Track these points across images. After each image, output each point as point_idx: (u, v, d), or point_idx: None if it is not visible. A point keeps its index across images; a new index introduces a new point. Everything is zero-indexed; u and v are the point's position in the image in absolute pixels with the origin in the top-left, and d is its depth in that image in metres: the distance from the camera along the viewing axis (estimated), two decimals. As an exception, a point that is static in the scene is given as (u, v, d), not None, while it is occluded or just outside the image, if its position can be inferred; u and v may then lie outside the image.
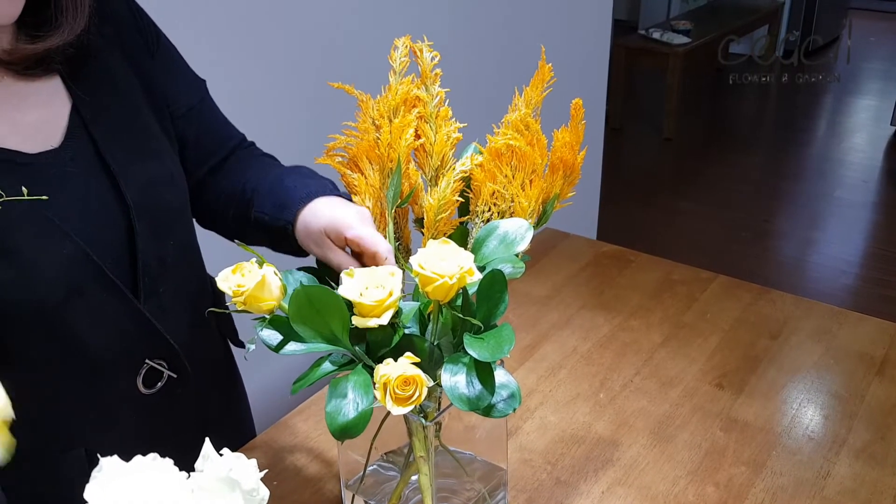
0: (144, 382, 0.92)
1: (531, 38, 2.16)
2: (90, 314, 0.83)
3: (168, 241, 0.91)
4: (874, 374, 1.27)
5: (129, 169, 0.86)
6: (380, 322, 0.71)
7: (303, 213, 0.88)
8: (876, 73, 5.88)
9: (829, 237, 3.65)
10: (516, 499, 1.05)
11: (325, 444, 1.15)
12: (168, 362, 0.93)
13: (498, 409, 0.75)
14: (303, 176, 0.95)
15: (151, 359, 0.91)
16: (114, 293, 0.84)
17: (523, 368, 1.31)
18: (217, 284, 0.75)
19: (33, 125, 0.82)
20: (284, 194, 0.92)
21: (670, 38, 4.63)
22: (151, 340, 0.90)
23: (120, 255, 0.86)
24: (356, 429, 0.71)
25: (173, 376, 0.94)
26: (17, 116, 0.81)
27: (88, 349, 0.85)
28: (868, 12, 7.01)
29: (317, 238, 0.86)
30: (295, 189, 0.91)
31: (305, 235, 0.87)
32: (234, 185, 0.99)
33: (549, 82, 0.87)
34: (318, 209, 0.87)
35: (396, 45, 0.88)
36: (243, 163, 1.03)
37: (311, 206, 0.88)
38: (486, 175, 0.85)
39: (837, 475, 1.08)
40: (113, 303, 0.85)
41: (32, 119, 0.82)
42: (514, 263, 0.78)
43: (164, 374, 0.93)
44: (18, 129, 0.80)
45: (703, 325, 1.40)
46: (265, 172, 0.99)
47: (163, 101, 0.94)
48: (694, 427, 1.17)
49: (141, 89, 0.92)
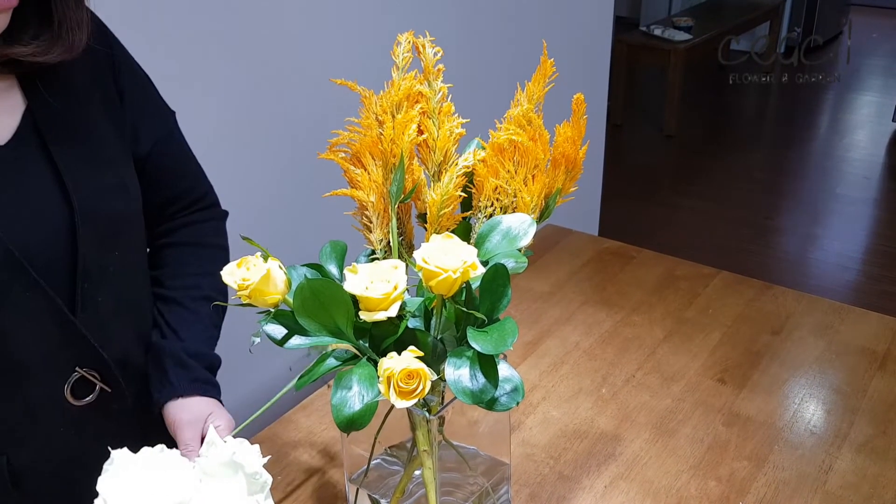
0: (74, 393, 0.88)
1: (533, 35, 2.17)
2: (14, 313, 0.81)
3: (114, 250, 0.89)
4: (876, 368, 1.27)
5: (77, 174, 0.85)
6: (388, 314, 0.72)
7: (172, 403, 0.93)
8: (878, 70, 5.87)
9: (831, 233, 3.65)
10: (519, 493, 1.06)
11: (329, 439, 1.15)
12: (100, 374, 0.89)
13: (501, 403, 0.75)
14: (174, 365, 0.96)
15: (81, 367, 0.88)
16: (40, 295, 0.82)
17: (526, 364, 1.31)
18: (222, 278, 0.75)
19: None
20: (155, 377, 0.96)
21: (672, 34, 4.63)
22: (80, 349, 0.87)
23: (57, 259, 0.84)
24: (362, 420, 0.71)
25: (107, 390, 0.90)
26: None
27: (12, 349, 0.82)
28: (870, 8, 6.99)
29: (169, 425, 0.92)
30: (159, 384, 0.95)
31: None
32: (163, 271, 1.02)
33: (551, 77, 0.87)
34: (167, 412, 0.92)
35: (399, 41, 0.88)
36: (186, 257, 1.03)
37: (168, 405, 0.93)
38: (489, 170, 0.85)
39: (839, 469, 1.08)
40: (40, 305, 0.82)
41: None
42: (517, 258, 0.78)
43: (96, 385, 0.90)
44: None
45: (705, 321, 1.41)
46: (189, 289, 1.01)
47: (124, 119, 0.93)
48: (696, 422, 1.17)
49: (101, 102, 0.90)
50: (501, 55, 2.14)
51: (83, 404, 0.89)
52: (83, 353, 0.87)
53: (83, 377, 0.88)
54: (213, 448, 0.58)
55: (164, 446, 0.58)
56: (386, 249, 0.87)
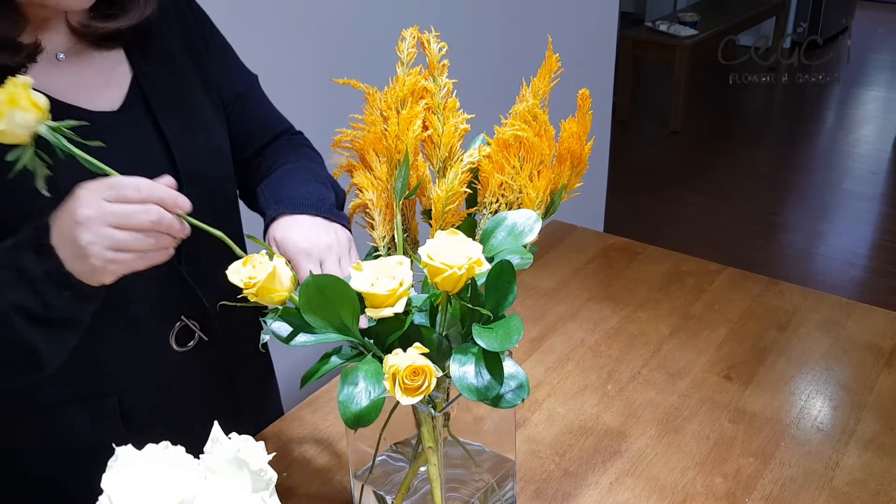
0: (177, 340, 0.99)
1: (538, 30, 2.16)
2: None
3: (210, 207, 0.93)
4: (883, 365, 1.27)
5: (180, 138, 0.94)
6: (395, 310, 0.71)
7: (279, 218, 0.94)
8: (884, 64, 5.85)
9: (837, 229, 3.64)
10: (524, 490, 1.06)
11: (334, 436, 1.15)
12: (200, 323, 1.00)
13: (506, 400, 0.75)
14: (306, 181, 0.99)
15: (187, 317, 0.98)
16: None
17: (531, 360, 1.31)
18: (228, 277, 0.75)
19: (97, 88, 0.90)
20: (280, 190, 0.98)
21: (677, 30, 4.61)
22: (187, 300, 0.97)
23: None
24: (369, 416, 0.71)
25: (204, 338, 1.01)
26: (83, 79, 0.90)
27: (129, 302, 0.92)
28: (876, 3, 6.96)
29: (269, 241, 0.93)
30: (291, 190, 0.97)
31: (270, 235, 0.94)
32: (268, 168, 1.05)
33: (556, 73, 0.87)
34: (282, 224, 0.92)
35: (404, 36, 0.88)
36: (280, 150, 1.09)
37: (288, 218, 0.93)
38: (494, 166, 0.85)
39: (846, 466, 1.08)
40: None
41: (97, 83, 0.91)
42: (523, 254, 0.78)
43: (195, 334, 1.00)
44: (83, 89, 0.89)
45: (711, 317, 1.40)
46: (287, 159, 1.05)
47: (215, 86, 1.02)
48: (702, 418, 1.17)
49: (196, 72, 1.00)
50: (506, 50, 2.14)
51: (184, 350, 1.00)
52: (188, 303, 0.98)
53: (186, 326, 0.99)
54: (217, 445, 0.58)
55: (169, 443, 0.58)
56: (389, 246, 0.87)
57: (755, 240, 3.49)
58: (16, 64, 0.82)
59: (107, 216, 0.74)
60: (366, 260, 0.82)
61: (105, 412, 0.97)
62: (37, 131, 0.70)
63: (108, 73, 0.92)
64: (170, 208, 0.77)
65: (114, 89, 0.92)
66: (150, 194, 0.76)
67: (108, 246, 0.74)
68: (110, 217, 0.74)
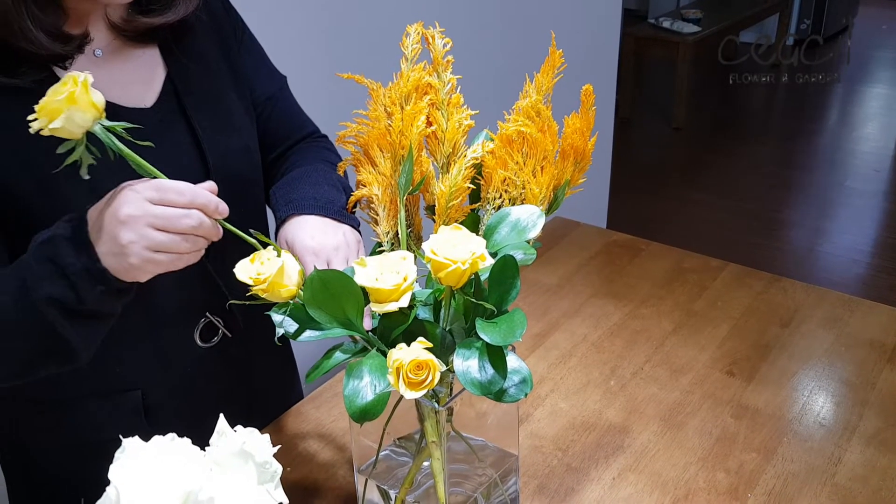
0: (201, 336, 1.01)
1: (541, 27, 2.16)
2: None
3: (238, 207, 0.93)
4: (885, 361, 1.27)
5: (212, 137, 0.95)
6: (399, 305, 0.72)
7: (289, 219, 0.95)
8: (887, 62, 5.84)
9: (840, 227, 3.63)
10: (527, 485, 1.06)
11: (338, 431, 1.16)
12: (224, 320, 1.02)
13: (510, 394, 0.75)
14: (317, 183, 1.00)
15: (212, 314, 1.00)
16: None
17: (534, 356, 1.31)
18: (236, 275, 0.76)
19: (131, 85, 0.92)
20: (291, 192, 0.99)
21: (680, 27, 4.61)
22: (213, 297, 0.99)
23: None
24: (375, 410, 0.71)
25: (228, 335, 1.03)
26: (118, 76, 0.91)
27: (156, 298, 0.93)
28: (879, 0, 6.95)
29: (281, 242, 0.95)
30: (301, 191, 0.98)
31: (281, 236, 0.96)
32: (286, 170, 1.07)
33: (559, 68, 0.87)
34: (292, 225, 0.94)
35: (408, 32, 0.88)
36: (300, 153, 1.11)
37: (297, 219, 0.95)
38: (498, 162, 0.85)
39: (848, 462, 1.08)
40: None
41: (131, 79, 0.92)
42: (526, 250, 0.78)
43: (219, 330, 1.02)
44: (118, 86, 0.90)
45: (713, 314, 1.41)
46: (304, 162, 1.06)
47: (247, 87, 1.04)
48: (704, 414, 1.17)
49: (228, 72, 1.01)
50: (510, 46, 2.14)
51: (208, 346, 1.02)
52: (213, 300, 1.00)
53: (210, 322, 1.01)
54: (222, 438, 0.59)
55: (175, 435, 0.58)
56: (393, 241, 0.87)
57: (758, 237, 3.49)
58: (66, 52, 0.83)
59: (149, 217, 0.74)
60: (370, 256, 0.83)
61: (127, 406, 0.98)
62: (91, 129, 0.71)
63: (143, 70, 0.93)
64: (210, 214, 0.77)
65: (148, 87, 0.93)
66: (193, 199, 0.76)
67: (147, 246, 0.75)
68: (153, 219, 0.74)
